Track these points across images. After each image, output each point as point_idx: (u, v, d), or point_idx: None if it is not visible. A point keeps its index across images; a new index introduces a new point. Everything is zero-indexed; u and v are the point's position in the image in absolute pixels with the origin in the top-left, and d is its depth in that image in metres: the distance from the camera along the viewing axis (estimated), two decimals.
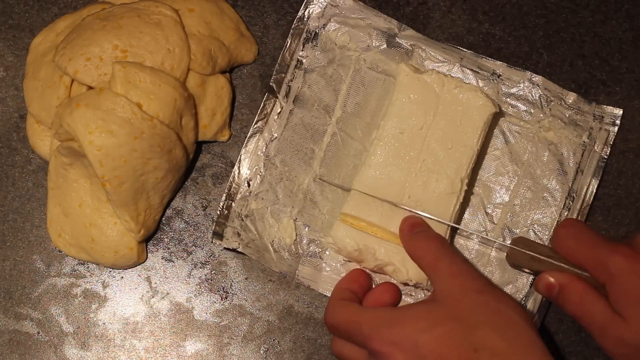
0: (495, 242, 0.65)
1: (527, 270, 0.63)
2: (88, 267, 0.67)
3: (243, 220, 0.66)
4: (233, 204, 0.66)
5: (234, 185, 0.66)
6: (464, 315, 0.54)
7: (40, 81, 0.65)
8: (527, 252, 0.60)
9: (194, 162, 0.68)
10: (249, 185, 0.66)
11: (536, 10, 0.70)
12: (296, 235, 0.66)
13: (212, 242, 0.66)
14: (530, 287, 0.65)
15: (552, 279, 0.58)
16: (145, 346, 0.66)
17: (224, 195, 0.66)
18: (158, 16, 0.64)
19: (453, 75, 0.67)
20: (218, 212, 0.66)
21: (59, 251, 0.67)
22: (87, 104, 0.60)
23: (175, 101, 0.62)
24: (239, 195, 0.66)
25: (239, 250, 0.66)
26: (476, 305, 0.55)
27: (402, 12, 0.69)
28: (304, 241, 0.66)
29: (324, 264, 0.65)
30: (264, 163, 0.66)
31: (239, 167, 0.66)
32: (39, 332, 0.66)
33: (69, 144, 0.62)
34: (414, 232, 0.61)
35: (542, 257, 0.59)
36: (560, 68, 0.69)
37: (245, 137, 0.68)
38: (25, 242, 0.67)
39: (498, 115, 0.66)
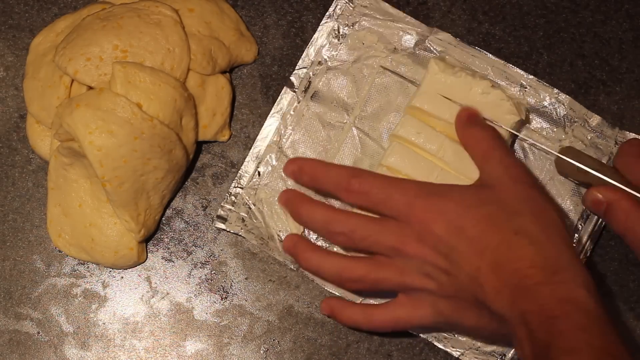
0: (545, 149, 0.65)
1: (573, 180, 0.62)
2: (88, 267, 0.67)
3: (250, 208, 0.66)
4: (241, 192, 0.66)
5: (244, 173, 0.66)
6: (511, 201, 0.55)
7: (40, 81, 0.65)
8: (575, 163, 0.60)
9: (194, 162, 0.68)
10: (259, 175, 0.66)
11: (536, 10, 0.70)
12: (304, 228, 0.65)
13: (214, 224, 0.66)
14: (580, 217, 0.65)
15: (600, 196, 0.57)
16: (145, 346, 0.66)
17: (233, 182, 0.66)
18: (158, 16, 0.64)
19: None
20: (225, 198, 0.66)
21: (59, 251, 0.67)
22: (87, 104, 0.60)
23: (175, 101, 0.62)
24: (248, 184, 0.66)
25: (240, 234, 0.66)
26: (524, 196, 0.56)
27: (402, 11, 0.69)
28: (312, 234, 0.65)
29: None
30: (276, 154, 0.66)
31: (250, 156, 0.66)
32: (39, 332, 0.66)
33: (69, 144, 0.62)
34: (472, 120, 0.61)
35: (589, 170, 0.59)
36: (560, 68, 0.69)
37: (246, 137, 0.68)
38: (25, 242, 0.67)
39: (522, 124, 0.65)
